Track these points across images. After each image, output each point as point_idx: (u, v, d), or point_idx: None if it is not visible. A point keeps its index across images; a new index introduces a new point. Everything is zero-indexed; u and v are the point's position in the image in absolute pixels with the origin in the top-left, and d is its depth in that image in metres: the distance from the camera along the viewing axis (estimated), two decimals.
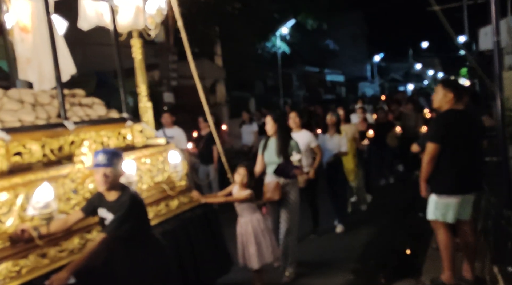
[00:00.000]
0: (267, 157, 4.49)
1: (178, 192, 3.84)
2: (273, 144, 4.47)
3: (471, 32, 19.81)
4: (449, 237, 3.65)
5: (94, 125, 3.41)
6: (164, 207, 3.64)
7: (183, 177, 3.91)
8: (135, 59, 4.16)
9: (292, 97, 25.43)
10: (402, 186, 8.23)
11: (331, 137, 5.89)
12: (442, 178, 3.58)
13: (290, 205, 4.43)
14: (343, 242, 5.54)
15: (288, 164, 4.35)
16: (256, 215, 3.97)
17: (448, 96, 3.65)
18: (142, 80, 4.21)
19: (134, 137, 3.79)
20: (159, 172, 3.76)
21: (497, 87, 4.54)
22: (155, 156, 3.76)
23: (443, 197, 3.58)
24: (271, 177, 4.44)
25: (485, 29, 11.16)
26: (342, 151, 5.89)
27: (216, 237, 3.97)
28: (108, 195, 2.76)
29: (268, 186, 4.40)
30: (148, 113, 4.21)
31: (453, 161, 3.55)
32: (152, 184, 3.67)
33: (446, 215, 3.58)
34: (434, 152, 3.55)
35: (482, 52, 12.55)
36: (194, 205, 3.93)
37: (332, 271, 4.65)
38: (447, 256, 3.65)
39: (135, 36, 4.12)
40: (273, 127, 4.43)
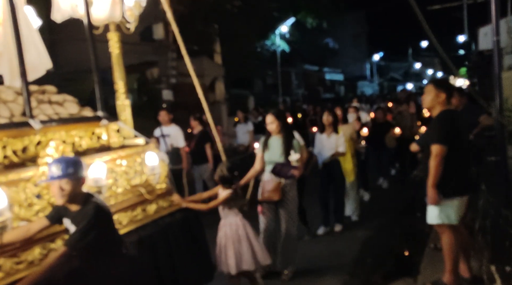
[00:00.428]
0: (269, 156, 4.33)
1: (157, 196, 3.58)
2: (276, 143, 4.32)
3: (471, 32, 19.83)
4: (454, 240, 3.58)
5: (64, 125, 3.14)
6: (140, 212, 3.39)
7: (163, 179, 3.67)
8: (112, 54, 3.89)
9: (291, 95, 25.42)
10: (399, 187, 8.09)
11: (328, 137, 5.72)
12: (446, 180, 3.48)
13: (289, 206, 4.32)
14: (340, 243, 5.44)
15: (286, 164, 4.21)
16: (237, 219, 3.77)
17: (441, 97, 3.57)
18: (119, 76, 3.91)
19: (109, 137, 3.54)
20: (136, 174, 3.47)
21: (496, 87, 4.55)
22: (133, 157, 3.48)
23: (447, 199, 3.51)
24: (270, 175, 4.30)
25: (484, 29, 11.15)
26: (340, 151, 5.70)
27: (198, 243, 3.74)
28: (70, 205, 2.53)
29: (266, 185, 4.28)
30: (126, 112, 3.93)
31: (454, 162, 3.48)
32: (129, 187, 3.38)
33: (450, 217, 3.53)
34: (443, 154, 3.43)
35: (482, 52, 12.55)
36: (175, 209, 3.68)
37: (329, 271, 4.59)
38: (451, 259, 3.59)
39: (112, 30, 3.83)
40: (278, 126, 4.29)
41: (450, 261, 3.62)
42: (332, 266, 4.73)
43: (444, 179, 3.48)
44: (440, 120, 3.59)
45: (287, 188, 4.29)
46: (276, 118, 4.30)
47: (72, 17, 3.69)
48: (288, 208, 4.31)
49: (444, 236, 3.63)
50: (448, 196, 3.52)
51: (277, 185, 4.20)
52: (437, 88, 3.60)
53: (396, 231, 5.80)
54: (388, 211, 6.73)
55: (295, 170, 4.22)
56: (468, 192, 3.67)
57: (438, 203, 3.51)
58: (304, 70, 29.08)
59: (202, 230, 3.84)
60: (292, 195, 4.35)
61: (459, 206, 3.56)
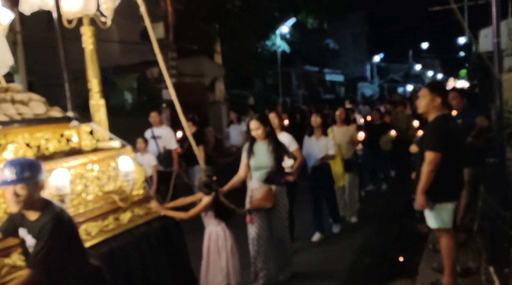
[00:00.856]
0: (255, 162, 4.13)
1: (133, 203, 3.32)
2: (262, 149, 4.12)
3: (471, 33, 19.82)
4: (452, 243, 3.59)
5: (28, 126, 2.89)
6: (112, 221, 3.13)
7: (140, 185, 3.42)
8: (86, 49, 3.62)
9: (292, 96, 25.43)
10: (396, 190, 7.97)
11: (317, 140, 5.50)
12: (441, 185, 3.48)
13: (281, 212, 4.18)
14: (336, 246, 5.34)
15: (279, 171, 4.04)
16: (219, 228, 3.58)
17: (436, 101, 3.54)
18: (93, 74, 3.65)
19: (81, 140, 3.28)
20: (110, 180, 3.23)
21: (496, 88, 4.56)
22: (106, 161, 3.23)
23: (442, 204, 3.52)
24: (257, 182, 4.11)
25: (485, 30, 11.18)
26: (329, 154, 5.47)
27: (178, 254, 3.50)
28: (28, 213, 2.26)
29: (255, 193, 4.07)
30: (100, 112, 3.66)
31: (448, 167, 3.48)
32: (101, 194, 3.15)
33: (445, 221, 3.54)
34: (436, 161, 3.41)
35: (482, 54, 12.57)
36: (152, 217, 3.43)
37: (327, 274, 4.52)
38: (450, 262, 3.60)
39: (86, 24, 3.57)
40: (263, 132, 4.08)
41: (448, 264, 3.63)
42: (329, 270, 4.65)
43: (437, 184, 3.47)
44: (436, 126, 3.55)
45: (279, 195, 4.14)
46: (261, 124, 4.09)
47: (41, 9, 3.45)
48: (280, 214, 4.17)
49: (442, 239, 3.64)
50: (442, 201, 3.52)
51: (268, 192, 4.02)
52: (432, 92, 3.57)
53: (394, 233, 5.75)
54: (385, 213, 6.69)
55: (289, 176, 4.11)
56: (460, 196, 3.71)
57: (425, 208, 3.53)
58: (304, 71, 29.03)
59: (182, 239, 3.60)
60: (284, 201, 4.21)
61: (453, 210, 3.57)
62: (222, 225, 3.61)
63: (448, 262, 3.62)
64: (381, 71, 43.38)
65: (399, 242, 5.47)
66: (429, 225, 3.70)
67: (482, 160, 5.09)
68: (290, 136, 4.94)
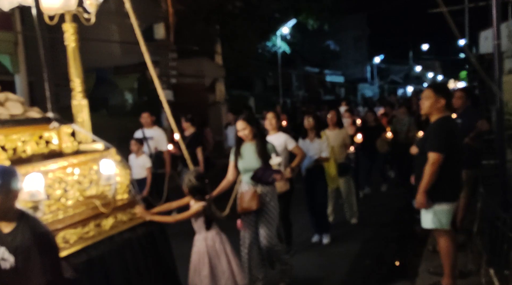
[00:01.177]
0: (244, 164, 3.97)
1: (115, 208, 3.15)
2: (249, 150, 3.96)
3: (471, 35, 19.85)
4: (451, 244, 3.59)
5: (3, 127, 2.74)
6: (93, 227, 2.94)
7: (125, 189, 3.25)
8: (68, 47, 3.45)
9: (292, 97, 25.45)
10: (394, 192, 7.90)
11: (311, 142, 5.39)
12: (442, 186, 3.48)
13: (269, 217, 3.92)
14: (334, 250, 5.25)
15: (267, 169, 3.86)
16: (213, 232, 3.40)
17: (440, 103, 3.54)
18: (76, 73, 3.47)
19: (61, 142, 3.12)
20: (92, 184, 3.06)
21: (497, 90, 4.56)
22: (88, 164, 3.07)
23: (442, 204, 3.52)
24: (247, 185, 3.93)
25: (485, 32, 11.19)
26: (323, 156, 5.36)
27: (164, 262, 3.32)
28: (0, 225, 2.09)
29: (244, 196, 3.90)
30: (83, 113, 3.47)
31: (451, 168, 3.49)
32: (82, 198, 2.97)
33: (442, 222, 3.54)
34: (439, 162, 3.42)
35: (482, 56, 12.56)
36: (137, 223, 3.26)
37: (326, 279, 4.46)
38: (449, 263, 3.60)
39: (68, 20, 3.41)
40: (250, 132, 3.93)
41: (448, 265, 3.63)
42: (328, 273, 4.59)
43: (437, 185, 3.47)
44: (440, 127, 3.55)
45: (268, 197, 3.92)
46: (248, 124, 3.94)
47: (21, 4, 3.30)
48: (268, 220, 3.92)
49: (441, 240, 3.64)
50: (440, 201, 3.52)
51: (253, 193, 3.84)
52: (436, 93, 3.57)
53: (393, 235, 5.72)
54: (384, 215, 6.65)
55: (277, 174, 3.88)
56: (459, 197, 3.71)
57: (425, 207, 3.52)
58: (304, 72, 29.03)
59: (168, 246, 3.43)
60: (273, 205, 3.96)
61: (450, 211, 3.57)
62: (216, 229, 3.45)
63: (447, 263, 3.62)
64: (381, 73, 43.40)
65: (398, 245, 5.40)
66: (423, 225, 3.69)
67: (478, 161, 5.08)
68: (287, 135, 4.86)
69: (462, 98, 4.92)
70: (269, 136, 4.61)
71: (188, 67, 15.16)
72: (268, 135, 4.69)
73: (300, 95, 26.85)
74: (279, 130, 4.91)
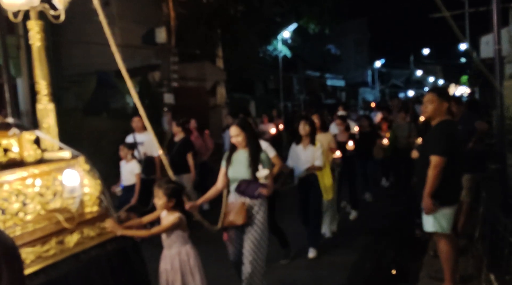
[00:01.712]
0: (233, 173, 3.75)
1: (82, 223, 2.88)
2: (241, 157, 3.73)
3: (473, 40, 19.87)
4: (451, 248, 3.60)
5: None
6: (54, 245, 2.65)
7: (95, 201, 3.00)
8: (33, 46, 3.14)
9: (293, 101, 25.48)
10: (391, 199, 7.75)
11: (304, 149, 5.13)
12: (442, 190, 3.49)
13: (256, 232, 3.63)
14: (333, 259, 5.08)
15: (252, 181, 3.62)
16: (187, 247, 3.17)
17: (444, 106, 3.58)
18: (41, 74, 3.12)
19: (22, 150, 2.84)
20: (56, 196, 2.78)
21: (498, 94, 4.57)
22: (52, 174, 2.79)
23: (444, 208, 3.53)
24: (235, 196, 3.71)
25: (486, 37, 11.22)
26: (316, 165, 5.07)
27: (137, 280, 3.08)
28: None
29: (230, 207, 3.67)
30: (49, 118, 3.15)
31: (451, 171, 3.51)
32: (44, 212, 2.68)
33: (443, 226, 3.55)
34: (442, 165, 3.43)
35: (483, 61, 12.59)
36: (106, 238, 2.97)
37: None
38: (449, 267, 3.60)
39: (33, 17, 3.12)
40: (244, 139, 3.71)
41: (448, 269, 3.62)
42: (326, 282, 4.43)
43: (437, 188, 3.49)
44: (442, 130, 3.57)
45: (255, 210, 3.65)
46: (242, 130, 3.72)
47: None
48: (255, 234, 3.63)
49: (441, 245, 3.64)
50: (444, 205, 3.53)
51: (240, 207, 3.59)
52: (440, 97, 3.60)
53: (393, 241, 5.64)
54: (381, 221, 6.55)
55: (264, 188, 3.58)
56: (458, 201, 3.70)
57: (433, 212, 3.52)
58: (305, 76, 29.09)
59: (142, 262, 3.17)
60: (261, 218, 3.67)
61: (451, 215, 3.58)
62: (190, 244, 3.21)
63: (447, 267, 3.62)
64: (382, 77, 43.45)
65: (398, 251, 5.34)
66: (425, 229, 3.70)
67: (482, 165, 5.09)
68: (266, 143, 4.63)
69: (453, 107, 4.91)
70: None
71: (190, 70, 15.20)
72: None
73: (301, 99, 26.87)
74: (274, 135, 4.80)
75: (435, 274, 4.07)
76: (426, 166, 3.52)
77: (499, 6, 4.60)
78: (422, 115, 3.98)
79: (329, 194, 5.34)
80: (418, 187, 3.65)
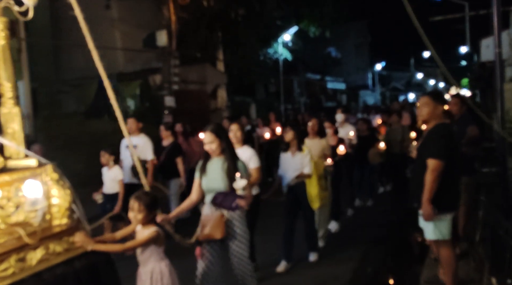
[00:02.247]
0: (208, 183, 3.47)
1: (47, 237, 2.60)
2: (216, 167, 3.45)
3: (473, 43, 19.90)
4: (452, 254, 3.57)
5: None
6: (14, 263, 2.38)
7: (64, 213, 2.72)
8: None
9: (294, 103, 25.51)
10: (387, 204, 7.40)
11: (293, 156, 4.90)
12: (440, 196, 3.42)
13: (239, 247, 3.43)
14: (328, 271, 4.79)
15: (229, 193, 3.37)
16: (162, 264, 2.92)
17: (439, 109, 3.56)
18: (5, 75, 2.81)
19: None
20: (19, 208, 2.52)
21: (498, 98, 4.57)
22: (14, 184, 2.52)
23: (443, 214, 3.48)
24: (210, 208, 3.44)
25: (486, 40, 11.24)
26: (305, 172, 4.84)
27: None
28: None
29: (205, 220, 3.39)
30: (15, 122, 2.85)
31: (450, 176, 3.46)
32: (4, 226, 2.43)
33: (443, 233, 3.50)
34: (440, 169, 3.38)
35: (484, 64, 12.61)
36: (75, 254, 2.69)
37: None
38: (451, 273, 3.57)
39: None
40: (218, 146, 3.44)
41: (450, 274, 3.60)
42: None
43: (438, 194, 3.42)
44: (439, 134, 3.52)
45: (235, 223, 3.42)
46: (216, 137, 3.43)
47: None
48: (238, 249, 3.43)
49: (442, 251, 3.60)
50: (441, 212, 3.46)
51: (219, 219, 3.33)
52: (435, 100, 3.58)
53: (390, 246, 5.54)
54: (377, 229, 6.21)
55: (242, 200, 3.33)
56: (458, 207, 3.69)
57: (433, 218, 3.44)
58: (306, 79, 29.13)
59: (116, 280, 2.88)
60: (241, 231, 3.45)
61: (450, 221, 3.54)
62: (166, 261, 2.95)
63: (449, 272, 3.60)
64: (383, 80, 43.48)
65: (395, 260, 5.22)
66: (426, 237, 3.66)
67: (473, 168, 5.04)
68: (252, 151, 4.32)
69: (457, 105, 4.89)
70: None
71: (191, 73, 15.24)
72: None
73: (302, 102, 26.90)
74: (244, 144, 4.36)
75: (432, 278, 4.05)
76: (423, 170, 3.45)
77: (500, 9, 4.60)
78: (418, 119, 3.95)
79: (314, 203, 5.02)
80: (415, 192, 3.57)
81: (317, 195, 5.00)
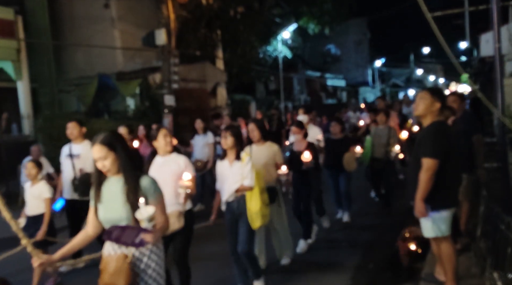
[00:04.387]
0: (105, 212, 2.58)
1: None
2: (114, 189, 2.56)
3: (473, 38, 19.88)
4: (452, 250, 3.56)
5: None
6: None
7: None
8: None
9: (294, 101, 25.52)
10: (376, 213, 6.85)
11: (230, 166, 4.08)
12: (440, 193, 3.42)
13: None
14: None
15: (128, 226, 2.49)
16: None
17: (435, 106, 3.49)
18: None
19: None
20: None
21: (498, 94, 4.57)
22: None
23: (441, 212, 3.47)
24: (111, 246, 2.57)
25: (486, 35, 11.21)
26: (246, 184, 4.02)
27: None
28: None
29: (107, 264, 2.50)
30: None
31: (447, 174, 3.44)
32: None
33: (442, 229, 3.50)
34: (435, 168, 3.36)
35: (483, 59, 12.60)
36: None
37: None
38: (451, 269, 3.57)
39: None
40: (113, 162, 2.52)
41: (450, 269, 3.61)
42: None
43: (434, 192, 3.41)
44: (434, 132, 3.48)
45: (144, 263, 2.53)
46: (109, 150, 2.50)
47: None
48: None
49: (442, 247, 3.59)
50: (439, 209, 3.47)
51: (121, 262, 2.45)
52: (433, 96, 3.52)
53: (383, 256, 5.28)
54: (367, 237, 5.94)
55: (147, 233, 2.39)
56: (457, 203, 3.68)
57: (425, 216, 3.45)
58: (306, 76, 29.14)
59: None
60: (154, 273, 2.56)
61: (449, 218, 3.53)
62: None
63: (450, 268, 3.60)
64: (382, 76, 43.45)
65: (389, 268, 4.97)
66: (425, 235, 3.65)
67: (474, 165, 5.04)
68: (185, 159, 3.81)
69: (456, 102, 4.88)
70: (160, 158, 3.77)
71: (190, 72, 15.23)
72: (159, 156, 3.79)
73: (302, 99, 26.89)
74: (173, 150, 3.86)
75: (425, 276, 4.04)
76: (418, 169, 3.43)
77: (499, 4, 4.58)
78: (414, 113, 3.91)
79: (255, 222, 4.07)
80: (410, 191, 3.56)
81: (258, 212, 4.06)
